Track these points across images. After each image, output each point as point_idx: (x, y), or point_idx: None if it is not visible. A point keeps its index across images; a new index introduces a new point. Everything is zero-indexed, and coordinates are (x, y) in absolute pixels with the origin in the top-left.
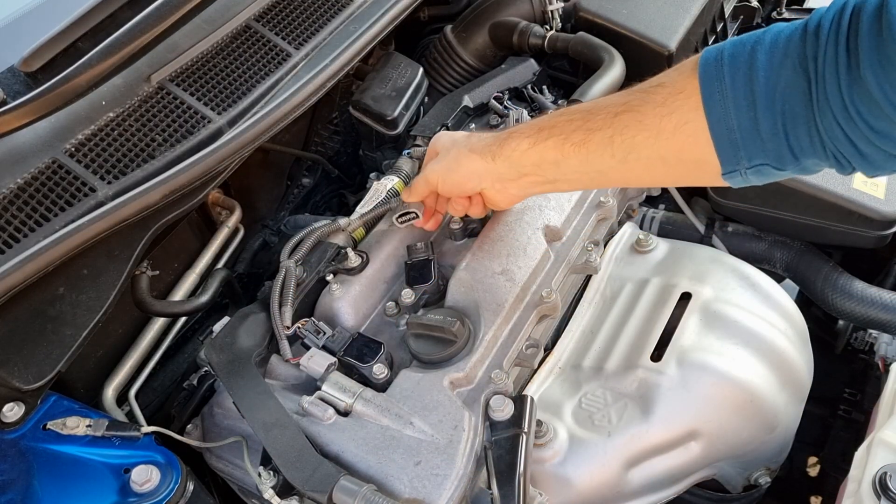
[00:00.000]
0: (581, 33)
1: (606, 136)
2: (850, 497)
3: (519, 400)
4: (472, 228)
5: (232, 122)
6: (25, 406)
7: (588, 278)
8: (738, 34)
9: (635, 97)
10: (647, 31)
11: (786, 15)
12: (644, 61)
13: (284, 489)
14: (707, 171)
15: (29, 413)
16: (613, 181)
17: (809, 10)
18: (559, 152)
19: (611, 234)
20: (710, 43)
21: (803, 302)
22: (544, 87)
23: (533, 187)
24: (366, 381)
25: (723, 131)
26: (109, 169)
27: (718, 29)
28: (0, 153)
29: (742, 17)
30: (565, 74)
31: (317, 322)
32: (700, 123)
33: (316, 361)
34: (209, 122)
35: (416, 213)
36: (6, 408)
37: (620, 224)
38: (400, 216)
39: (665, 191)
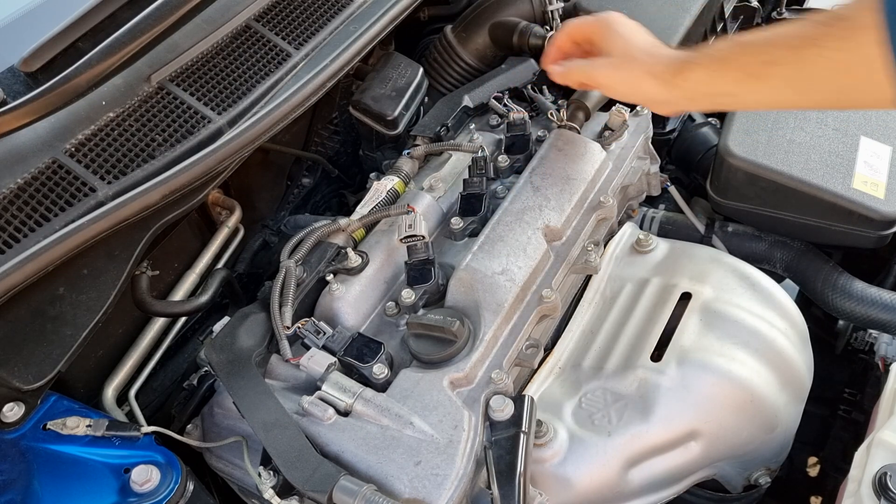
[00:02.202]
0: None
1: (787, 72)
2: (850, 497)
3: (519, 400)
4: (473, 228)
5: (232, 122)
6: (25, 406)
7: (588, 278)
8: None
9: (816, 30)
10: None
11: (786, 15)
12: None
13: (284, 489)
14: (885, 99)
15: (29, 413)
16: (783, 107)
17: (810, 10)
18: (738, 86)
19: (611, 234)
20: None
21: (803, 302)
22: (544, 87)
23: (699, 108)
24: (366, 381)
25: None
26: (109, 169)
27: (718, 29)
28: (0, 153)
29: (742, 17)
30: None
31: (317, 322)
32: (883, 57)
33: (316, 361)
34: (209, 122)
35: (422, 237)
36: (6, 408)
37: (620, 224)
38: (405, 237)
39: (665, 191)
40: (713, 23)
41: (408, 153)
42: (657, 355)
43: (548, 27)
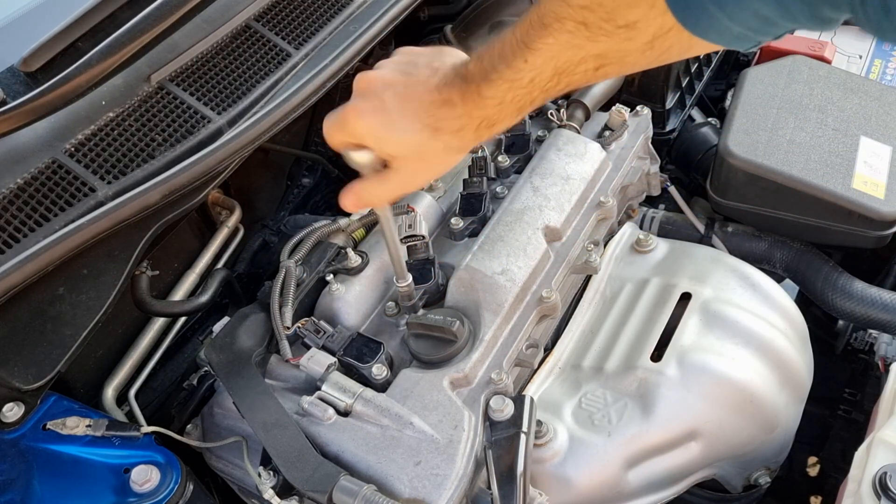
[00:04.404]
0: None
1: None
2: (850, 497)
3: (519, 400)
4: (473, 228)
5: (232, 122)
6: (25, 406)
7: (588, 278)
8: None
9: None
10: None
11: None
12: None
13: (284, 489)
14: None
15: (29, 413)
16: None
17: None
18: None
19: (611, 234)
20: None
21: (803, 302)
22: None
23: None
24: (365, 381)
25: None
26: (109, 169)
27: None
28: (0, 153)
29: None
30: None
31: (317, 321)
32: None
33: (316, 361)
34: (209, 122)
35: (422, 237)
36: (6, 408)
37: (620, 224)
38: (405, 237)
39: (665, 191)
40: None
41: None
42: (657, 355)
43: None
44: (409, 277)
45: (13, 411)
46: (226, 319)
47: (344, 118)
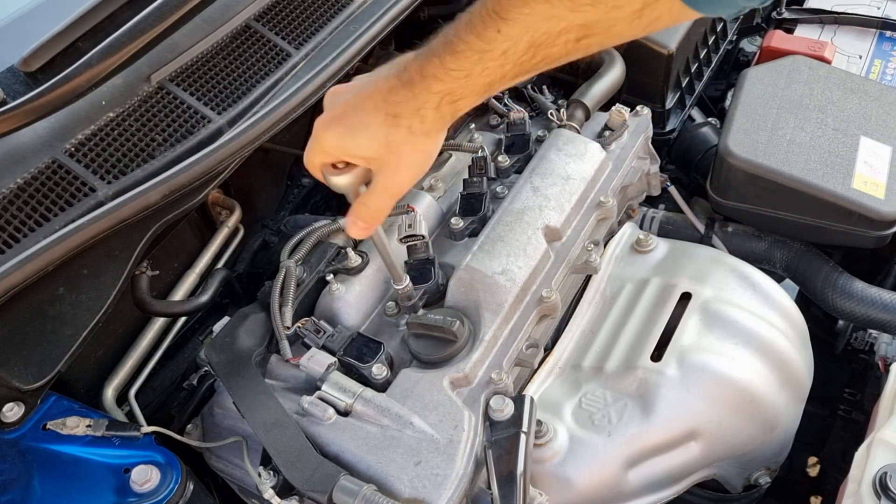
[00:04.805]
0: None
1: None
2: (850, 497)
3: (519, 400)
4: (473, 228)
5: (232, 122)
6: (25, 406)
7: (588, 278)
8: (738, 34)
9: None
10: None
11: (786, 14)
12: (644, 61)
13: (284, 489)
14: None
15: (29, 413)
16: None
17: (810, 10)
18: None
19: (611, 234)
20: (709, 43)
21: (803, 302)
22: (544, 87)
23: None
24: (366, 381)
25: None
26: (109, 169)
27: (718, 29)
28: (0, 153)
29: (742, 16)
30: (565, 74)
31: (317, 321)
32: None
33: (316, 361)
34: (209, 122)
35: (422, 237)
36: (6, 408)
37: (620, 224)
38: (405, 237)
39: (665, 191)
40: (713, 22)
41: None
42: (657, 355)
43: None
44: (407, 279)
45: (13, 411)
46: (226, 319)
47: (314, 137)
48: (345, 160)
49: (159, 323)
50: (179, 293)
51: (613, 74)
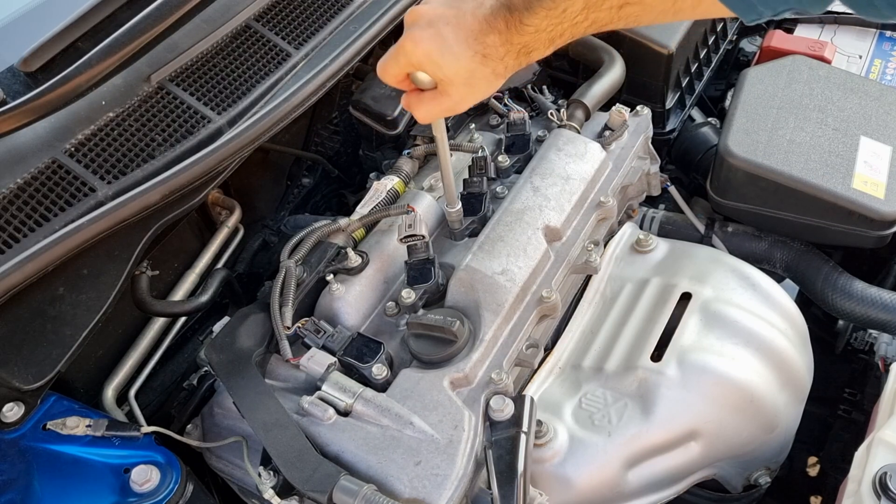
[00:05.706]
0: None
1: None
2: (850, 497)
3: (519, 400)
4: (473, 228)
5: (232, 122)
6: (25, 406)
7: (588, 278)
8: (737, 34)
9: None
10: (648, 31)
11: (786, 15)
12: (644, 62)
13: (284, 489)
14: None
15: (29, 413)
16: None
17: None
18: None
19: (611, 234)
20: (709, 43)
21: (803, 302)
22: (544, 87)
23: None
24: (366, 381)
25: None
26: (109, 169)
27: (718, 29)
28: (0, 153)
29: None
30: (565, 74)
31: (317, 321)
32: None
33: (316, 361)
34: (209, 122)
35: (422, 237)
36: (6, 408)
37: (620, 224)
38: (405, 237)
39: (665, 191)
40: (713, 23)
41: (408, 153)
42: (657, 355)
43: None
44: (459, 204)
45: (13, 411)
46: (226, 319)
47: (401, 48)
48: (424, 71)
49: (159, 323)
50: (179, 293)
51: (613, 74)
